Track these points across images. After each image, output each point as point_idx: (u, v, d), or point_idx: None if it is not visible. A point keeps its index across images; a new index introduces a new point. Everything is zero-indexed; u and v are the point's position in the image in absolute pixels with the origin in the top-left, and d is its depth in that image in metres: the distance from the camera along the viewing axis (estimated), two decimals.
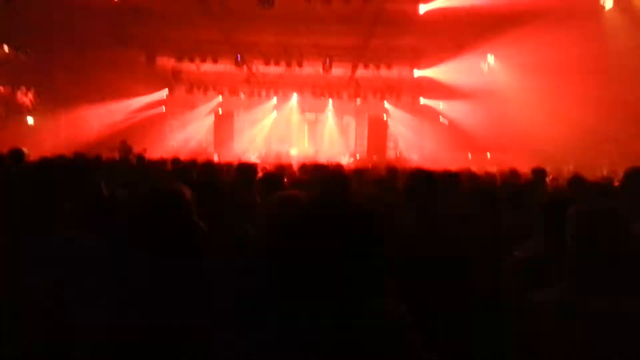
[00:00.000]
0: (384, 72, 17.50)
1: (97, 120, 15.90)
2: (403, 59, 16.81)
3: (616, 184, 5.38)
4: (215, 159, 17.05)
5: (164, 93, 22.07)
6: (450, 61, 16.56)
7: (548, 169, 9.51)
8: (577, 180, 5.12)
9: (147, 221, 2.13)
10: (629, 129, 10.70)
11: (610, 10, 10.67)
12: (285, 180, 4.89)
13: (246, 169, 4.95)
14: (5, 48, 13.20)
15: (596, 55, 11.01)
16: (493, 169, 14.69)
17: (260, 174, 4.87)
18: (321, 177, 3.90)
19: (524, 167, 8.26)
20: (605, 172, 10.19)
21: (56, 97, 14.95)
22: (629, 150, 10.17)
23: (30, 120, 14.70)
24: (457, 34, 14.12)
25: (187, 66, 18.31)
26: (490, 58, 15.62)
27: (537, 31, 11.16)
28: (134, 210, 2.39)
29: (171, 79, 20.51)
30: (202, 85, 21.32)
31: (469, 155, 18.39)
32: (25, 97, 14.11)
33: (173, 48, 16.42)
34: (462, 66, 16.20)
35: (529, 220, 3.07)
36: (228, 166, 7.59)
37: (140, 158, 9.32)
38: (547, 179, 7.39)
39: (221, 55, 16.66)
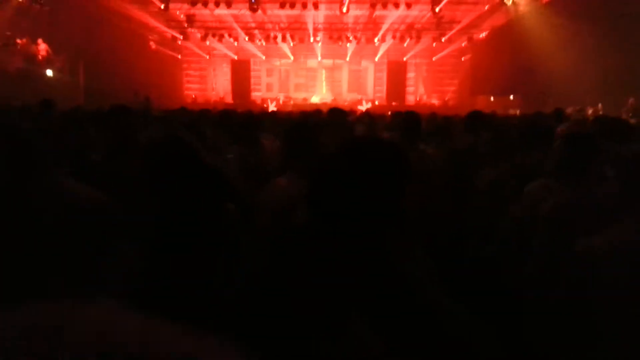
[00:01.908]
0: (403, 11, 16.83)
1: (114, 71, 15.80)
2: None
3: None
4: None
5: (179, 41, 21.78)
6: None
7: (570, 110, 9.27)
8: (601, 120, 4.95)
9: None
10: None
11: None
12: None
13: None
14: None
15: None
16: (516, 111, 14.38)
17: None
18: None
19: (548, 110, 8.01)
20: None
21: (72, 49, 14.86)
22: None
23: (49, 72, 14.73)
24: None
25: (201, 11, 17.92)
26: None
27: None
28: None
29: (185, 26, 20.18)
30: (217, 32, 20.93)
31: (491, 98, 17.91)
32: (42, 49, 14.04)
33: None
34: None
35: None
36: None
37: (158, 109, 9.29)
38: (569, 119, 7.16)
39: None
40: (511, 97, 17.18)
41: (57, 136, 2.33)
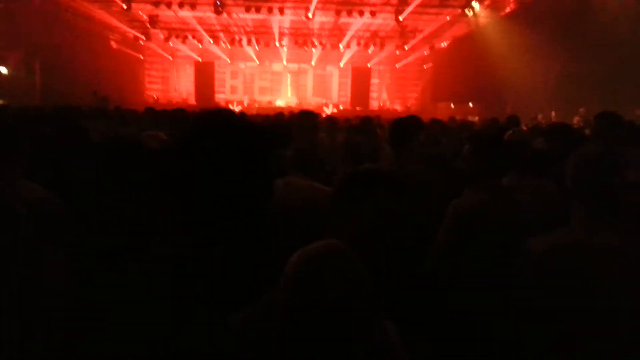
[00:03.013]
0: (368, 19, 17.10)
1: (72, 69, 15.37)
2: (387, 6, 16.41)
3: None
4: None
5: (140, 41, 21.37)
6: (435, 8, 16.30)
7: (524, 117, 9.64)
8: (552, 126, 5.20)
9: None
10: (605, 75, 10.77)
11: None
12: None
13: None
14: None
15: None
16: (474, 118, 14.82)
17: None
18: None
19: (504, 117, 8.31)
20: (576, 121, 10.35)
21: (29, 46, 14.38)
22: (606, 96, 10.28)
23: (2, 69, 14.20)
24: None
25: (165, 12, 17.65)
26: (476, 4, 15.36)
27: None
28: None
29: (148, 26, 19.82)
30: (181, 33, 20.66)
31: (452, 105, 18.40)
32: None
33: None
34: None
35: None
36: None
37: (118, 108, 9.09)
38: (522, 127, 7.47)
39: (199, 1, 16.08)
40: (470, 104, 17.70)
41: (10, 136, 2.29)
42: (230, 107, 20.98)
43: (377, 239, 1.41)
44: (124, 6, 15.92)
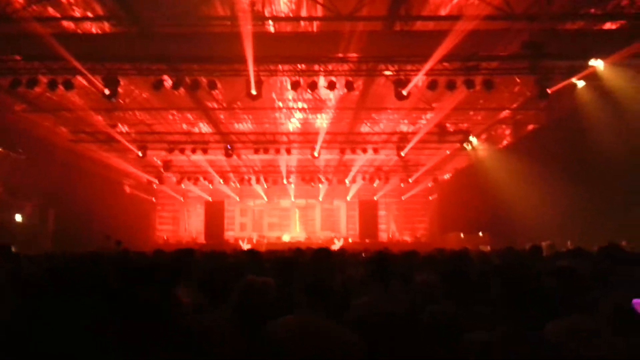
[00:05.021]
0: (371, 155, 17.86)
1: (86, 215, 15.77)
2: (389, 143, 17.24)
3: None
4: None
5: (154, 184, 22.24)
6: (434, 143, 17.08)
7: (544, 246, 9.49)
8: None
9: None
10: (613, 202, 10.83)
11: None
12: None
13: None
14: None
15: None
16: (486, 247, 14.63)
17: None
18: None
19: (518, 246, 8.20)
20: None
21: (44, 195, 14.92)
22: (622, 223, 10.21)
23: (18, 217, 14.57)
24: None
25: (178, 157, 18.58)
26: (473, 139, 16.10)
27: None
28: None
29: (161, 170, 20.75)
30: (193, 175, 21.54)
31: (462, 235, 18.33)
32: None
33: (164, 141, 16.77)
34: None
35: None
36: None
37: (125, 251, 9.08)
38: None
39: (211, 146, 17.01)
40: (480, 233, 17.62)
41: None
42: (240, 243, 21.09)
43: None
44: (140, 153, 16.83)
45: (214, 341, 2.31)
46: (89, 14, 9.29)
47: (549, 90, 10.17)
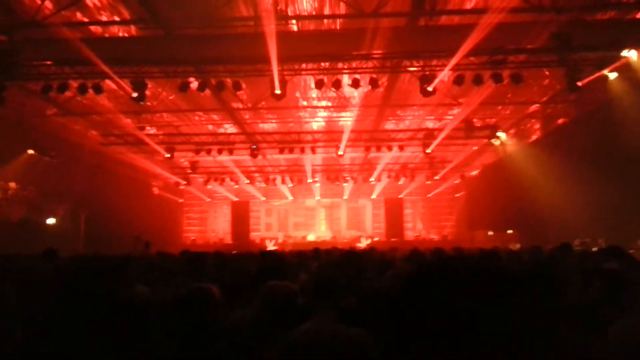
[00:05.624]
0: (396, 153, 17.70)
1: (115, 216, 16.08)
2: (414, 140, 17.06)
3: None
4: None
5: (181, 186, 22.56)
6: (461, 139, 16.81)
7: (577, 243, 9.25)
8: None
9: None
10: None
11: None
12: None
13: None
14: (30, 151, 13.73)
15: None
16: (516, 245, 14.35)
17: None
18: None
19: (548, 244, 8.00)
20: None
21: (75, 198, 15.25)
22: None
23: (51, 221, 14.94)
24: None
25: (204, 158, 18.79)
26: (501, 134, 15.78)
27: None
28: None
29: (188, 172, 21.01)
30: (219, 176, 21.75)
31: (490, 232, 18.03)
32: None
33: (191, 142, 16.98)
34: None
35: None
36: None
37: (160, 253, 9.21)
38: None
39: (237, 146, 17.15)
40: (509, 231, 17.29)
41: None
42: (267, 243, 21.21)
43: None
44: (167, 155, 17.07)
45: (245, 338, 2.32)
46: (116, 18, 9.45)
47: (579, 83, 9.86)
